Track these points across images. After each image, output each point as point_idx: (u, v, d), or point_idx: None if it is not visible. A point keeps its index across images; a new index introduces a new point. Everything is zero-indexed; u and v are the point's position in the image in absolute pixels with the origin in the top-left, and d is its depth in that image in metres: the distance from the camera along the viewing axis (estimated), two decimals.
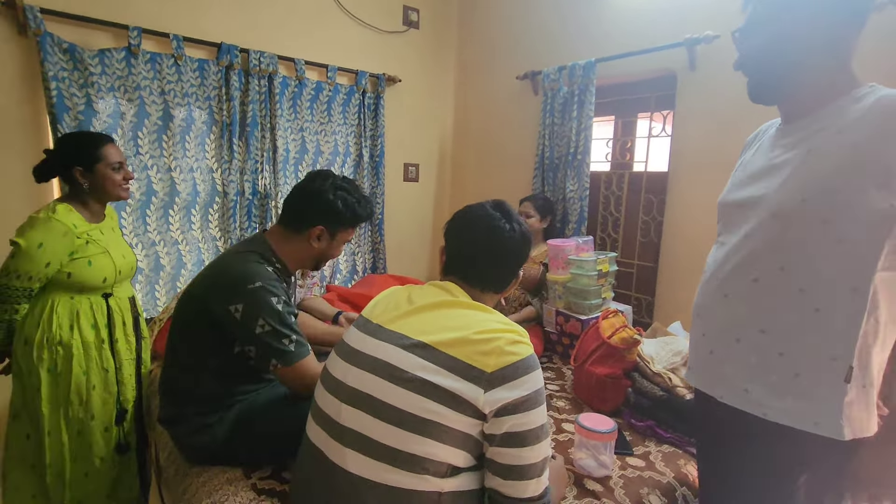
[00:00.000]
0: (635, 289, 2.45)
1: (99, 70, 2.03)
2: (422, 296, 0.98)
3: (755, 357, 0.88)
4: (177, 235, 2.30)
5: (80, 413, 1.52)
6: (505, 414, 0.83)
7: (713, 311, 0.97)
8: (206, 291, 1.22)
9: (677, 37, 2.01)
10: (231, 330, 1.19)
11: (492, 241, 1.02)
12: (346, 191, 1.34)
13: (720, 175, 1.99)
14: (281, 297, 1.21)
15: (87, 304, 1.53)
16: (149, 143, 2.19)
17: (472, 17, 3.15)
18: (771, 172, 0.91)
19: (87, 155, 1.51)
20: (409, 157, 3.17)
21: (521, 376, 0.84)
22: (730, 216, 0.99)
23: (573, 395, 1.83)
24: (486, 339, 0.86)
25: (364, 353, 0.93)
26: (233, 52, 2.31)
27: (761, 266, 0.87)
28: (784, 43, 0.87)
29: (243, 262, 1.23)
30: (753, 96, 0.94)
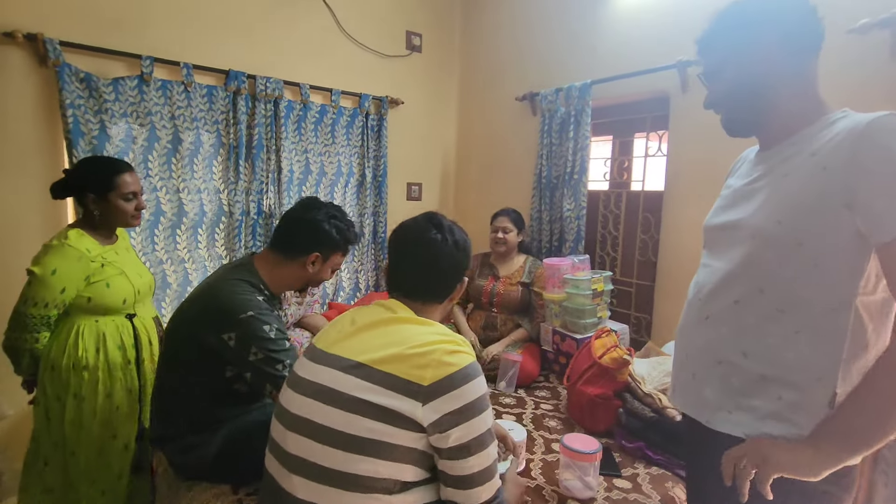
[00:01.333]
0: (634, 308, 2.44)
1: (113, 97, 2.13)
2: (363, 316, 1.01)
3: (737, 379, 0.88)
4: (183, 254, 2.38)
5: (102, 433, 1.55)
6: (447, 427, 0.85)
7: (695, 333, 0.97)
8: (197, 318, 1.26)
9: (669, 59, 2.04)
10: (225, 356, 1.23)
11: (424, 253, 1.04)
12: (337, 219, 1.41)
13: (713, 194, 2.00)
14: (273, 324, 1.26)
15: (113, 326, 1.56)
16: (158, 165, 2.29)
17: (473, 42, 3.23)
18: (749, 196, 0.92)
19: (100, 183, 1.53)
20: (411, 176, 3.23)
21: (458, 387, 0.86)
22: (712, 239, 1.01)
23: (566, 415, 1.83)
24: (421, 352, 0.88)
25: (307, 380, 0.95)
26: (240, 78, 2.41)
27: (741, 288, 0.88)
28: (747, 80, 0.90)
29: (234, 292, 1.26)
30: (729, 132, 0.97)
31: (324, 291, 2.85)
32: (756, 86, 0.89)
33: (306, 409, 0.92)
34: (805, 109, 0.88)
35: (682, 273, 2.13)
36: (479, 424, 0.87)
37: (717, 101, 0.96)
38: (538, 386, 2.12)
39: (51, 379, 1.50)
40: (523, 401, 1.95)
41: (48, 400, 1.51)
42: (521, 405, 1.91)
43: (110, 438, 1.57)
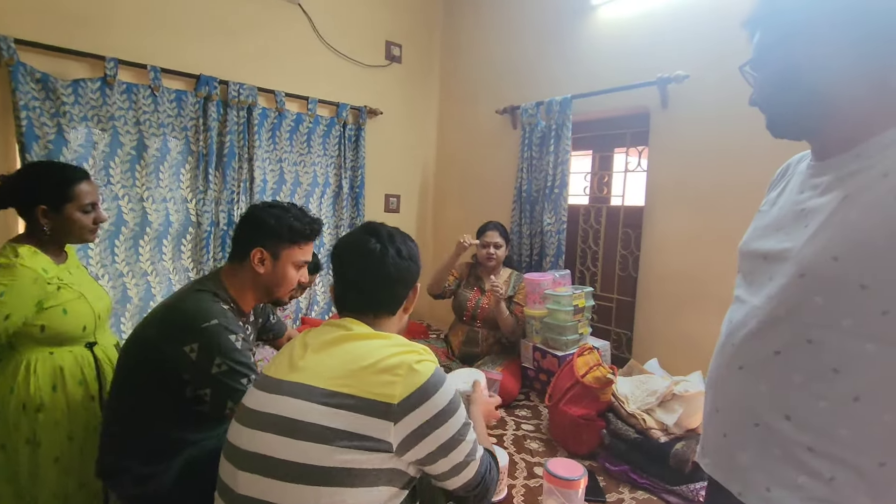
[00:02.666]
0: (615, 323, 2.41)
1: (72, 100, 2.01)
2: (316, 337, 0.95)
3: (778, 449, 0.72)
4: (146, 266, 2.25)
5: (65, 482, 1.37)
6: (422, 437, 0.83)
7: (727, 385, 0.81)
8: (157, 333, 1.17)
9: (650, 76, 2.04)
10: (185, 373, 1.13)
11: (364, 266, 0.98)
12: (281, 208, 1.30)
13: (693, 210, 2.02)
14: (239, 334, 1.17)
15: (72, 358, 1.37)
16: (121, 172, 2.16)
17: (454, 53, 3.21)
18: (798, 220, 0.75)
19: (55, 193, 1.32)
20: (390, 188, 3.17)
21: (429, 397, 0.84)
22: (750, 269, 0.84)
23: (548, 436, 1.77)
24: (385, 367, 0.84)
25: (260, 412, 0.87)
26: (212, 83, 2.31)
27: (785, 336, 0.72)
28: (801, 70, 0.72)
29: (197, 301, 1.18)
30: (773, 132, 0.81)
31: (297, 305, 2.74)
32: (809, 80, 0.72)
33: (260, 444, 0.84)
34: (875, 112, 0.69)
35: (662, 289, 2.12)
36: (454, 422, 0.87)
37: (762, 97, 0.79)
38: (518, 405, 2.06)
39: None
40: (504, 421, 1.89)
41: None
42: (501, 426, 1.85)
43: (77, 488, 1.39)
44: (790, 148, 1.03)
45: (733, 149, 1.87)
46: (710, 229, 1.95)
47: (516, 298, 2.33)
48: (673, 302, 2.08)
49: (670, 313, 2.09)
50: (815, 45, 0.70)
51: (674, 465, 1.41)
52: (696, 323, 1.99)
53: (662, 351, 2.07)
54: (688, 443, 1.45)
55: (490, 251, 2.34)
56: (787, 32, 0.73)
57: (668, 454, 1.43)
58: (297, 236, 1.30)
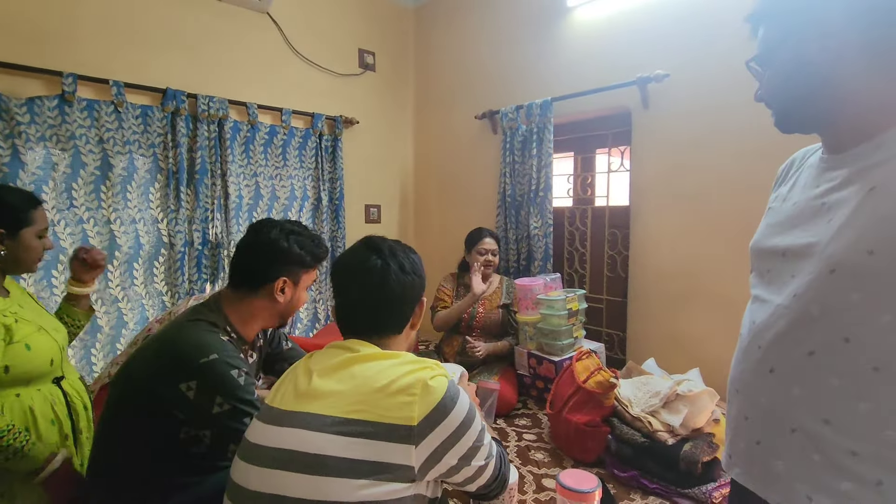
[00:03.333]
0: (606, 325, 2.40)
1: (28, 119, 1.88)
2: (320, 361, 0.88)
3: (818, 455, 0.68)
4: (116, 293, 2.11)
5: None
6: (444, 453, 0.80)
7: (756, 390, 0.78)
8: (149, 370, 1.07)
9: (630, 76, 2.05)
10: (182, 413, 1.04)
11: (367, 285, 0.93)
12: (297, 234, 1.24)
13: (678, 207, 2.02)
14: (241, 369, 1.08)
15: (41, 398, 1.25)
16: (84, 194, 2.03)
17: (429, 59, 3.18)
18: (819, 214, 0.73)
19: (15, 217, 1.26)
20: (370, 198, 3.10)
21: (448, 413, 0.80)
22: (768, 266, 0.81)
23: (552, 445, 1.73)
24: (401, 388, 0.79)
25: (267, 448, 0.80)
26: (179, 97, 2.20)
27: (818, 335, 0.69)
28: (812, 63, 0.70)
29: (194, 333, 1.09)
30: (783, 127, 0.78)
31: None
32: (820, 72, 0.70)
33: (270, 483, 0.77)
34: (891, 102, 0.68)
35: (653, 287, 2.12)
36: (472, 432, 0.83)
37: (769, 93, 0.76)
38: (517, 414, 2.01)
39: None
40: (505, 432, 1.84)
41: None
42: (502, 437, 1.80)
43: None
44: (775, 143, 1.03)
45: (716, 145, 1.88)
46: (697, 225, 1.96)
47: (514, 306, 2.30)
48: (664, 300, 2.08)
49: (662, 311, 2.09)
50: (828, 37, 0.68)
51: (684, 468, 1.39)
52: (689, 319, 1.99)
53: (657, 350, 2.07)
54: (696, 443, 1.44)
55: (489, 258, 2.29)
56: (799, 25, 0.71)
57: (678, 456, 1.41)
58: (318, 260, 1.27)
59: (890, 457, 0.63)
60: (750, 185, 1.77)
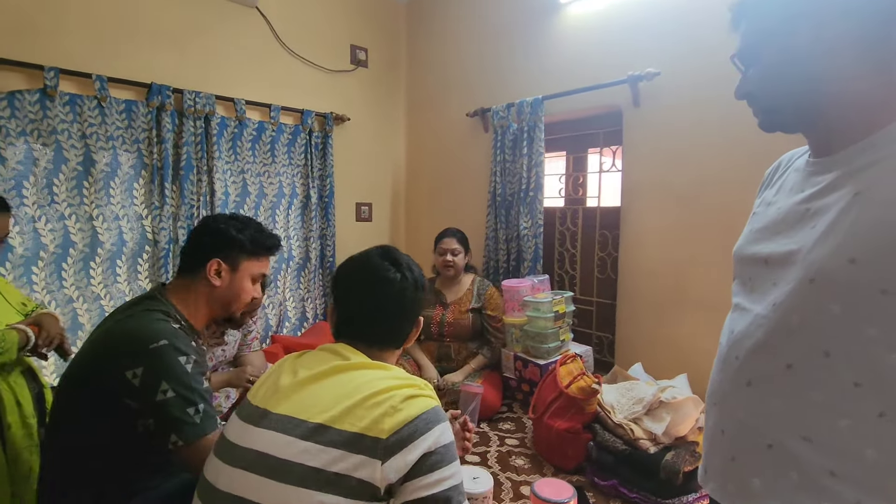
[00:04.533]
0: (596, 327, 2.37)
1: (7, 113, 1.86)
2: (310, 365, 0.86)
3: (796, 473, 0.65)
4: (99, 290, 2.09)
5: None
6: (410, 478, 0.73)
7: (733, 403, 0.75)
8: (97, 360, 1.03)
9: (621, 74, 2.01)
10: (133, 402, 1.00)
11: (384, 296, 0.91)
12: (240, 220, 1.23)
13: (671, 208, 1.98)
14: (191, 356, 1.04)
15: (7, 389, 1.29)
16: (66, 190, 2.01)
17: (421, 56, 3.14)
18: (803, 220, 0.69)
19: None
20: (360, 196, 3.07)
21: (422, 434, 0.74)
22: (750, 274, 0.77)
23: (534, 451, 1.70)
24: (378, 401, 0.76)
25: (241, 448, 0.78)
26: (164, 92, 2.18)
27: (797, 348, 0.66)
28: (801, 59, 0.66)
29: (142, 319, 1.06)
30: (767, 126, 0.74)
31: (266, 324, 2.61)
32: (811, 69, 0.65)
33: (238, 485, 0.75)
34: (884, 104, 0.63)
35: (643, 290, 2.08)
36: (446, 473, 0.75)
37: (752, 89, 0.72)
38: (501, 418, 1.98)
39: None
40: (487, 436, 1.81)
41: None
42: (484, 441, 1.77)
43: None
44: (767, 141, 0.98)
45: (708, 144, 1.84)
46: (690, 227, 1.92)
47: (489, 311, 2.24)
48: (654, 303, 2.04)
49: (652, 314, 2.05)
50: (823, 27, 0.64)
51: (664, 477, 1.35)
52: (679, 323, 1.95)
53: (646, 353, 2.03)
54: (678, 452, 1.40)
55: (447, 258, 2.24)
56: (789, 18, 0.66)
57: (659, 465, 1.37)
58: (258, 248, 1.23)
59: (868, 477, 0.60)
60: (741, 184, 1.72)
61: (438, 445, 0.75)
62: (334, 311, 0.96)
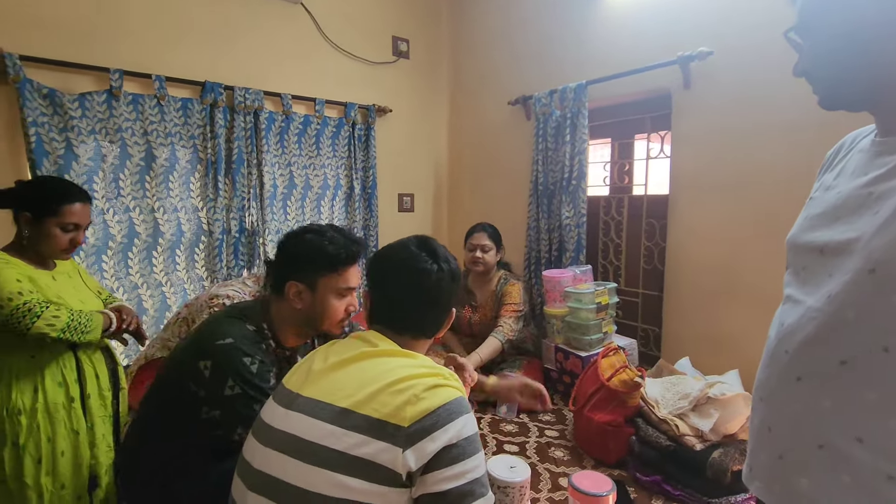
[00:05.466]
0: (641, 320, 2.29)
1: (79, 114, 2.00)
2: (339, 351, 0.88)
3: (849, 475, 0.62)
4: (160, 277, 2.24)
5: (49, 485, 1.38)
6: (431, 469, 0.73)
7: (782, 399, 0.71)
8: (181, 348, 1.15)
9: (670, 55, 1.91)
10: (200, 389, 1.08)
11: (420, 286, 0.92)
12: (314, 232, 1.20)
13: (722, 197, 1.88)
14: (255, 356, 1.10)
15: (53, 361, 1.39)
16: (131, 184, 2.15)
17: (462, 45, 3.12)
18: (865, 206, 0.65)
19: (41, 204, 1.37)
20: (403, 187, 3.10)
21: (443, 425, 0.74)
22: (804, 263, 0.73)
23: (574, 444, 1.67)
24: (401, 388, 0.76)
25: (273, 429, 0.82)
26: (217, 89, 2.28)
27: (854, 343, 0.62)
28: (862, 32, 0.62)
29: (219, 320, 1.15)
30: (827, 104, 0.70)
31: None
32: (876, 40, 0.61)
33: (270, 465, 0.79)
34: None
35: (691, 282, 1.99)
36: (467, 468, 0.74)
37: (816, 64, 0.68)
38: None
39: None
40: (526, 427, 1.80)
41: None
42: (523, 432, 1.76)
43: (59, 489, 1.39)
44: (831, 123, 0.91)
45: (766, 127, 1.72)
46: (743, 216, 1.81)
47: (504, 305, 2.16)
48: (704, 295, 1.95)
49: (701, 307, 1.96)
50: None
51: (711, 476, 1.30)
52: (731, 317, 1.86)
53: (694, 348, 1.95)
54: (726, 450, 1.34)
55: (476, 255, 2.20)
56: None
57: (706, 463, 1.32)
58: (334, 262, 1.16)
59: None
60: (801, 171, 1.61)
61: (460, 438, 0.75)
62: (368, 298, 0.98)
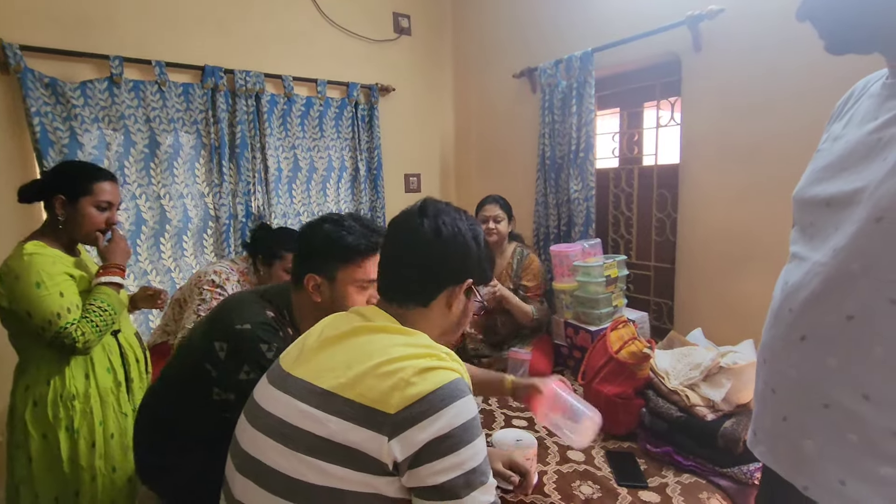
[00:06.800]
0: (654, 293, 2.25)
1: (81, 102, 2.01)
2: (334, 326, 0.84)
3: (855, 434, 0.61)
4: (169, 263, 2.26)
5: (102, 467, 1.42)
6: (422, 462, 0.67)
7: (786, 359, 0.69)
8: (201, 326, 1.15)
9: (678, 15, 1.83)
10: (214, 369, 1.08)
11: (400, 244, 0.87)
12: (332, 222, 1.16)
13: (736, 164, 1.80)
14: (273, 343, 1.08)
15: (100, 347, 1.43)
16: (136, 171, 2.17)
17: (465, 18, 3.04)
18: (873, 153, 0.62)
19: (74, 184, 1.38)
20: (409, 167, 3.07)
21: (435, 412, 0.67)
22: (811, 219, 0.70)
23: None
24: (389, 370, 0.70)
25: (262, 409, 0.79)
26: (217, 73, 2.26)
27: (859, 297, 0.60)
28: None
29: (242, 301, 1.14)
30: (833, 47, 0.66)
31: None
32: None
33: (255, 447, 0.76)
34: None
35: (704, 252, 1.93)
36: (463, 458, 0.68)
37: (816, 5, 0.64)
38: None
39: (33, 416, 1.35)
40: None
41: (31, 441, 1.35)
42: None
43: (110, 471, 1.44)
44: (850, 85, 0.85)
45: (781, 90, 1.64)
46: (757, 184, 1.74)
47: (524, 281, 2.16)
48: (717, 266, 1.89)
49: (715, 278, 1.91)
50: None
51: (723, 446, 1.28)
52: (745, 287, 1.81)
53: (707, 319, 1.90)
54: (738, 419, 1.31)
55: (490, 226, 2.17)
56: None
57: (717, 433, 1.29)
58: (352, 253, 1.12)
59: None
60: (818, 135, 1.54)
61: (454, 426, 0.68)
62: None
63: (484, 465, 0.71)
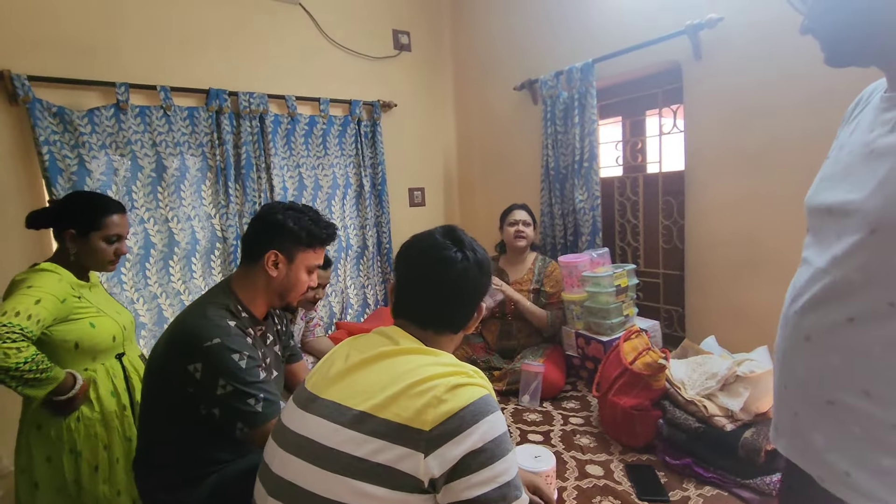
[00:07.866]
0: (664, 300, 2.23)
1: (89, 129, 2.03)
2: (361, 349, 0.85)
3: (858, 427, 0.64)
4: (178, 286, 2.27)
5: (106, 492, 1.42)
6: (458, 476, 0.69)
7: (794, 358, 0.73)
8: (165, 351, 1.14)
9: (678, 25, 1.84)
10: (193, 391, 1.09)
11: (442, 275, 0.87)
12: (296, 210, 1.25)
13: (741, 169, 1.81)
14: (244, 352, 1.11)
15: (104, 371, 1.43)
16: (143, 195, 2.18)
17: (464, 33, 3.07)
18: (866, 165, 0.64)
19: (84, 219, 1.40)
20: (413, 181, 3.08)
21: (468, 427, 0.70)
22: (818, 225, 0.73)
23: (600, 429, 1.64)
24: (422, 390, 0.72)
25: (291, 432, 0.79)
26: (221, 96, 2.29)
27: (859, 301, 0.63)
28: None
29: (199, 317, 1.13)
30: (834, 60, 0.68)
31: (330, 311, 2.71)
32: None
33: (288, 470, 0.77)
34: None
35: (713, 258, 1.93)
36: (496, 472, 0.70)
37: (820, 20, 0.66)
38: (565, 396, 1.93)
39: (38, 439, 1.35)
40: (550, 415, 1.77)
41: (35, 464, 1.36)
42: (547, 421, 1.74)
43: (115, 496, 1.43)
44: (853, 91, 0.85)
45: (783, 96, 1.65)
46: (763, 189, 1.74)
47: (546, 287, 2.19)
48: (727, 271, 1.89)
49: (725, 284, 1.90)
50: None
51: (744, 456, 1.26)
52: (756, 293, 1.80)
53: (719, 326, 1.89)
54: (758, 429, 1.30)
55: (520, 228, 2.21)
56: None
57: (737, 443, 1.28)
58: (314, 240, 1.24)
59: None
60: (822, 138, 1.53)
61: (486, 441, 0.70)
62: (394, 290, 0.95)
63: (517, 479, 0.73)
